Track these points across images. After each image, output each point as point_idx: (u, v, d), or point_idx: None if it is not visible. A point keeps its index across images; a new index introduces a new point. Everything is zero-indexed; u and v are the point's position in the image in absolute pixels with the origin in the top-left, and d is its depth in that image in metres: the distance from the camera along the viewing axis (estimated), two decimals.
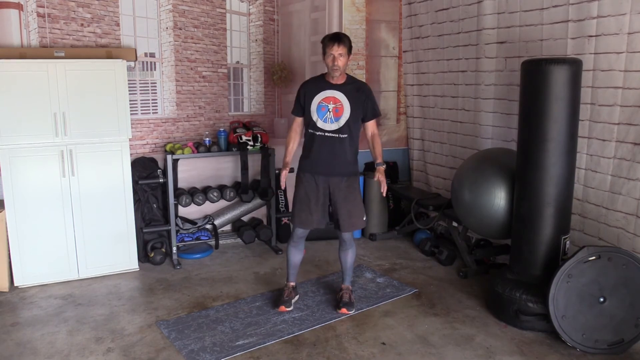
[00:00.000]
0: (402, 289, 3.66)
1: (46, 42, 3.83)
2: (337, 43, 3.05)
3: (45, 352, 2.84)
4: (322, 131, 3.14)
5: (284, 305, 3.29)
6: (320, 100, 3.14)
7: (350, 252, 3.35)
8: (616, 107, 3.25)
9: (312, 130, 3.19)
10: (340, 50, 3.05)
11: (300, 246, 3.34)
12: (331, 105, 3.13)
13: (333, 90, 3.14)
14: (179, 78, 4.35)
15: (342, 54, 3.06)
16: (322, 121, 3.14)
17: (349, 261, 3.37)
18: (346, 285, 3.43)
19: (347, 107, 3.12)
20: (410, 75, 5.18)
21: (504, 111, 4.12)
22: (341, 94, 3.13)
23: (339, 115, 3.12)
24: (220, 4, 4.42)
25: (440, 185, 4.92)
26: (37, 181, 3.59)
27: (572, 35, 3.48)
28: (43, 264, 3.68)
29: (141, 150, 4.28)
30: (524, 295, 3.06)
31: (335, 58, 3.05)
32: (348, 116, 3.11)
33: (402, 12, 5.14)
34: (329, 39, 3.09)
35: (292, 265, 3.38)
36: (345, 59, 3.09)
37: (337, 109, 3.13)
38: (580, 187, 3.50)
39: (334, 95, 3.13)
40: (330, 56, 3.06)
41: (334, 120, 3.12)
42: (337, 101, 3.13)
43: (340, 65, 3.07)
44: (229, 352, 2.83)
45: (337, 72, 3.08)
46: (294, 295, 3.41)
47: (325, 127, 3.14)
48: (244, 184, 4.33)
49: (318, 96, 3.15)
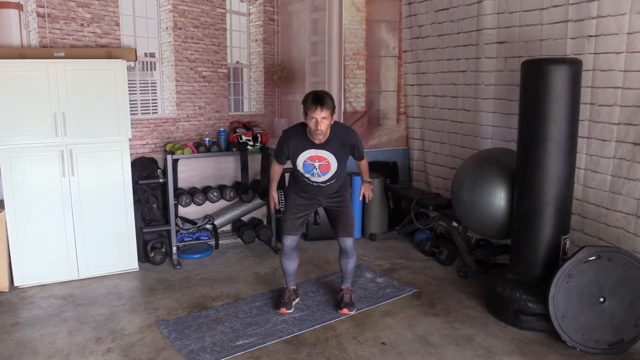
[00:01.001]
0: (402, 289, 3.66)
1: (46, 42, 3.83)
2: (319, 107, 2.86)
3: (45, 352, 2.84)
4: (309, 180, 3.17)
5: (284, 308, 3.29)
6: (305, 159, 3.06)
7: (352, 260, 3.35)
8: (616, 107, 3.25)
9: (299, 175, 3.18)
10: (324, 114, 2.87)
11: (293, 256, 3.33)
12: (317, 163, 3.06)
13: (317, 150, 3.03)
14: (179, 78, 4.35)
15: (326, 117, 2.89)
16: (309, 174, 3.13)
17: (349, 267, 3.37)
18: (346, 286, 3.43)
19: (333, 164, 3.07)
20: (410, 75, 5.18)
21: (504, 111, 4.12)
22: (326, 152, 3.03)
23: (326, 171, 3.09)
24: (220, 4, 4.42)
25: (440, 185, 4.92)
26: (37, 181, 3.59)
27: (571, 35, 3.48)
28: (43, 264, 3.68)
29: (141, 150, 4.28)
30: (524, 295, 3.06)
31: (319, 122, 2.88)
32: (335, 169, 3.10)
33: (402, 12, 5.14)
34: (311, 101, 2.89)
35: (288, 273, 3.39)
36: (329, 121, 2.93)
37: (324, 165, 3.07)
38: (580, 187, 3.50)
39: (318, 154, 3.04)
40: (313, 120, 2.89)
41: (321, 175, 3.10)
42: (323, 159, 3.05)
43: (324, 129, 2.91)
44: (229, 352, 2.83)
45: (320, 136, 2.94)
46: (294, 298, 3.41)
47: (312, 179, 3.15)
48: (244, 184, 4.33)
49: (303, 155, 3.06)
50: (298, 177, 3.22)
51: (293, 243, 3.26)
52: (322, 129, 2.91)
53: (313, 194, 3.24)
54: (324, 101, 2.87)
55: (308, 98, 2.93)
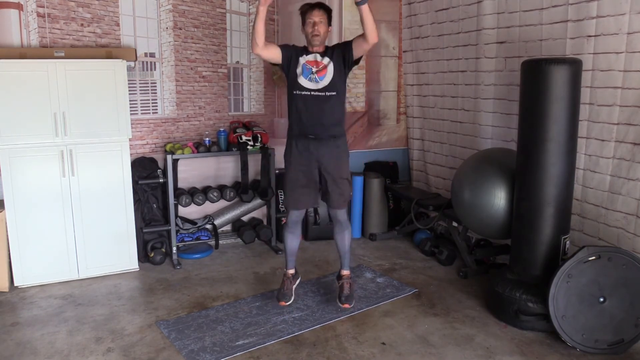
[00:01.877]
0: (402, 289, 3.66)
1: (46, 42, 3.83)
2: (317, 8, 3.03)
3: (45, 352, 2.84)
4: (307, 90, 3.10)
5: (283, 300, 3.27)
6: (304, 62, 3.11)
7: (347, 233, 3.30)
8: (615, 107, 3.25)
9: (297, 92, 3.12)
10: (321, 16, 3.02)
11: (296, 231, 3.34)
12: (314, 68, 3.09)
13: (315, 55, 3.11)
14: (179, 78, 4.35)
15: (323, 21, 3.03)
16: (307, 80, 3.10)
17: (346, 244, 3.32)
18: (345, 271, 3.37)
19: (330, 67, 3.08)
20: (410, 75, 5.18)
21: (504, 111, 4.12)
22: (323, 57, 3.10)
23: (323, 74, 3.08)
24: (220, 4, 4.42)
25: (440, 185, 4.92)
26: (37, 181, 3.59)
27: (571, 35, 3.48)
28: (43, 264, 3.68)
29: (141, 150, 4.28)
30: (524, 295, 3.06)
31: (316, 23, 3.02)
32: (332, 74, 3.08)
33: (402, 12, 5.14)
34: (309, 6, 3.06)
35: (289, 251, 3.38)
36: (325, 27, 3.05)
37: (320, 69, 3.09)
38: (579, 187, 3.50)
39: (316, 59, 3.10)
40: (311, 22, 3.03)
41: (319, 80, 3.08)
42: (320, 64, 3.09)
43: (321, 31, 3.03)
44: (229, 352, 2.84)
45: (317, 39, 3.04)
46: (294, 283, 3.38)
47: (310, 87, 3.10)
48: (244, 184, 4.33)
49: (302, 58, 3.11)
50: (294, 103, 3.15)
51: (297, 218, 3.28)
52: (319, 30, 3.02)
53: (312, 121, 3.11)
54: (321, 4, 3.07)
55: (305, 4, 3.10)
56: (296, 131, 3.17)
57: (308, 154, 3.15)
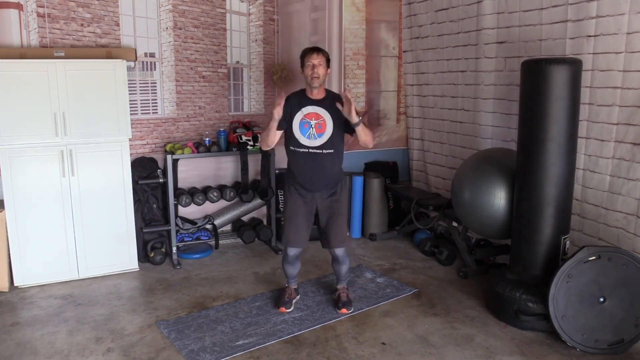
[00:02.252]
0: (402, 289, 3.66)
1: (46, 42, 3.82)
2: (315, 52, 3.03)
3: (45, 352, 2.84)
4: (305, 148, 3.09)
5: (284, 307, 3.30)
6: (302, 117, 3.08)
7: (346, 265, 3.33)
8: (615, 107, 3.25)
9: (293, 148, 3.12)
10: (320, 59, 3.02)
11: (295, 263, 3.34)
12: (313, 122, 3.07)
13: (314, 107, 3.08)
14: (179, 78, 4.35)
15: (321, 63, 3.02)
16: (305, 138, 3.08)
17: (342, 271, 3.36)
18: (341, 285, 3.42)
19: (329, 123, 3.06)
20: (410, 75, 5.18)
21: (504, 111, 4.12)
22: (323, 110, 3.07)
23: (322, 132, 3.06)
24: (220, 4, 4.42)
25: (440, 185, 4.92)
26: (37, 181, 3.59)
27: (571, 35, 3.48)
28: (43, 264, 3.68)
29: (141, 150, 4.28)
30: (524, 295, 3.06)
31: (315, 66, 3.00)
32: (331, 132, 3.06)
33: (402, 12, 5.14)
34: (307, 50, 3.08)
35: (290, 276, 3.41)
36: (324, 70, 3.04)
37: (320, 124, 3.07)
38: (579, 188, 3.50)
39: (315, 111, 3.07)
40: (310, 65, 3.01)
41: (317, 137, 3.07)
42: (319, 117, 3.06)
43: (320, 73, 3.01)
44: (229, 352, 2.84)
45: (316, 81, 3.01)
46: (295, 296, 3.41)
47: (308, 144, 3.08)
48: (244, 184, 4.33)
49: (299, 113, 3.08)
50: (292, 158, 3.15)
51: (296, 253, 3.27)
52: (318, 72, 3.00)
53: (310, 180, 3.13)
54: (319, 49, 3.07)
55: (304, 50, 3.11)
56: (294, 180, 3.18)
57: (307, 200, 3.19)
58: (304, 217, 3.20)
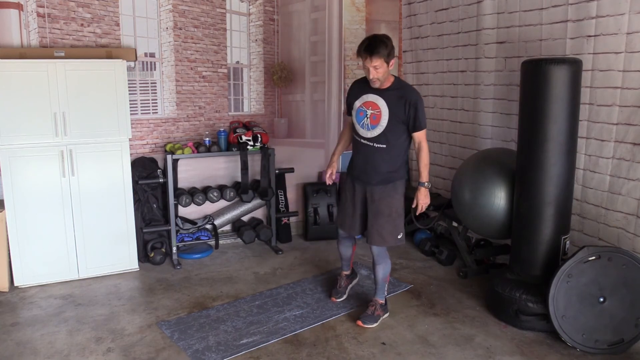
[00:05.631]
0: (398, 285, 3.69)
1: (46, 42, 3.82)
2: (369, 56, 2.78)
3: (45, 352, 2.84)
4: (359, 137, 3.01)
5: (334, 297, 3.44)
6: (360, 104, 2.96)
7: (380, 267, 3.13)
8: (615, 107, 3.25)
9: (353, 134, 3.08)
10: (375, 62, 2.79)
11: (347, 243, 3.38)
12: (369, 112, 2.92)
13: (375, 95, 2.93)
14: (179, 78, 4.35)
15: (378, 66, 2.80)
16: (359, 127, 2.98)
17: (379, 276, 3.16)
18: (375, 297, 3.22)
19: (385, 116, 2.89)
20: (410, 75, 5.18)
21: (504, 111, 4.12)
22: (382, 100, 2.91)
23: (376, 123, 2.92)
24: (220, 4, 4.42)
25: (440, 185, 4.92)
26: (37, 181, 3.59)
27: (571, 35, 3.48)
28: (43, 264, 3.68)
29: (141, 150, 4.28)
30: (524, 295, 3.06)
31: (371, 71, 2.82)
32: (385, 125, 2.90)
33: (402, 12, 5.14)
34: (362, 50, 2.81)
35: (342, 257, 3.48)
36: (384, 69, 2.82)
37: (375, 115, 2.91)
38: (579, 188, 3.50)
39: (374, 100, 2.92)
40: (366, 68, 2.84)
41: (370, 128, 2.93)
42: (377, 107, 2.91)
43: (379, 76, 2.83)
44: (234, 350, 2.84)
45: (376, 83, 2.89)
46: (348, 283, 3.51)
47: (361, 134, 2.98)
48: (244, 184, 4.33)
49: (359, 100, 2.97)
50: (353, 143, 3.12)
51: (344, 235, 3.31)
52: (376, 77, 2.84)
53: (360, 171, 3.04)
54: (374, 50, 2.77)
55: (360, 45, 2.85)
56: (351, 166, 3.17)
57: (357, 189, 3.12)
58: (352, 204, 3.14)
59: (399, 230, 3.06)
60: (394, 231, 3.05)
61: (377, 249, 3.10)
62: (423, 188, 3.04)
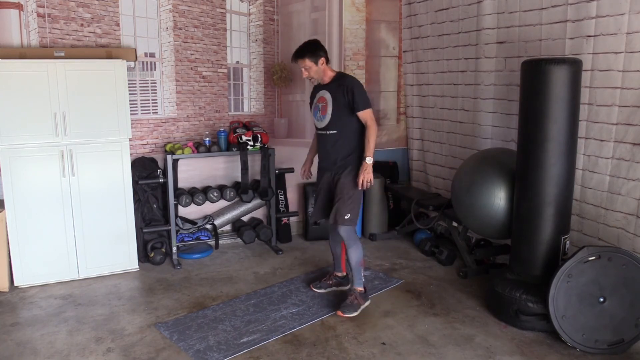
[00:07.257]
0: (389, 280, 3.76)
1: (46, 42, 3.83)
2: (296, 60, 3.25)
3: (45, 352, 2.84)
4: (317, 129, 3.36)
5: (313, 286, 3.59)
6: (315, 101, 3.34)
7: (351, 250, 3.27)
8: (614, 107, 3.25)
9: (315, 130, 3.43)
10: (302, 64, 3.22)
11: (333, 237, 3.46)
12: (320, 105, 3.28)
13: (323, 90, 3.30)
14: (179, 78, 4.35)
15: (307, 67, 3.21)
16: (315, 120, 3.34)
17: (352, 260, 3.28)
18: (352, 286, 3.35)
19: (330, 104, 3.22)
20: (410, 75, 5.18)
21: (504, 111, 4.12)
22: (327, 93, 3.25)
23: (325, 113, 3.24)
24: (220, 4, 4.42)
25: (440, 185, 4.92)
26: (37, 181, 3.59)
27: (570, 35, 3.48)
28: (43, 264, 3.68)
29: (141, 150, 4.28)
30: (524, 295, 3.06)
31: (303, 72, 3.26)
32: (331, 112, 3.21)
33: (402, 12, 5.14)
34: (292, 57, 3.30)
35: (332, 254, 3.62)
36: (314, 68, 3.22)
37: (323, 106, 3.25)
38: (578, 188, 3.50)
39: (323, 94, 3.28)
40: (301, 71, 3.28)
41: (322, 118, 3.27)
42: (324, 100, 3.26)
43: (311, 75, 3.24)
44: (235, 349, 2.85)
45: (313, 81, 3.32)
46: (333, 284, 3.58)
47: (317, 125, 3.34)
48: (244, 184, 4.33)
49: (315, 98, 3.35)
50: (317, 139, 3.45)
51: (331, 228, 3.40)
52: (308, 76, 3.26)
53: (321, 159, 3.38)
54: (298, 54, 3.23)
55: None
56: (319, 158, 3.46)
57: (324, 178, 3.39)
58: (318, 192, 3.42)
59: (347, 211, 3.22)
60: (344, 211, 3.22)
61: (344, 232, 3.25)
62: (365, 162, 3.18)
